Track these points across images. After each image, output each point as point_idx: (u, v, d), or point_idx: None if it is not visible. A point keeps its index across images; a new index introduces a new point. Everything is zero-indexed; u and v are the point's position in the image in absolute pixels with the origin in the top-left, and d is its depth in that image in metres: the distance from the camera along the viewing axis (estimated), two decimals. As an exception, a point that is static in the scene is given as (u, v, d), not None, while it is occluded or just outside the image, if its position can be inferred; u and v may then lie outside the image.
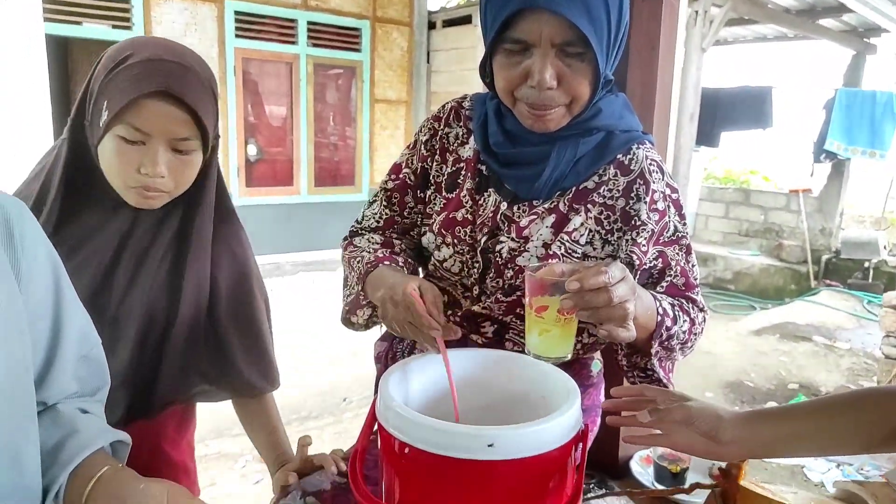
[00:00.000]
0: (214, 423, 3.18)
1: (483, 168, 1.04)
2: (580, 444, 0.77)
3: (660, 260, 1.00)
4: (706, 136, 7.57)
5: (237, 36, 5.43)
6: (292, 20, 5.72)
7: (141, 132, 0.92)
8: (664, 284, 1.01)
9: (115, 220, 1.01)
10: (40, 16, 2.87)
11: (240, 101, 5.53)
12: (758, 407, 0.90)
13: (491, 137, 1.01)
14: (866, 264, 7.33)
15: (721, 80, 8.31)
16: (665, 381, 1.00)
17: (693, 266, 1.03)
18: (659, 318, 0.92)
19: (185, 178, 0.99)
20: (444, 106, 1.12)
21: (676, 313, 0.96)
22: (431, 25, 6.77)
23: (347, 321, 1.13)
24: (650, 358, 0.96)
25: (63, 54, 6.16)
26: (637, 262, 0.96)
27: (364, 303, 1.07)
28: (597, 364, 1.15)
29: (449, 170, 1.07)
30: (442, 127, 1.10)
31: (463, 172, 1.05)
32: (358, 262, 1.06)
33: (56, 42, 3.66)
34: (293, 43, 5.77)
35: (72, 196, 0.99)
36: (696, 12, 5.87)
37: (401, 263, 1.04)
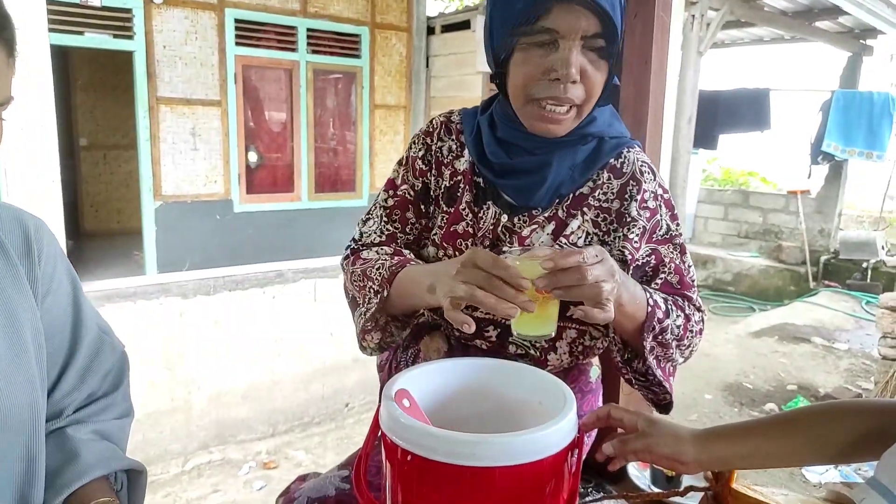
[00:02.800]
0: (218, 430, 3.21)
1: (480, 180, 1.07)
2: (576, 450, 0.80)
3: (653, 257, 1.02)
4: (705, 138, 7.59)
5: (237, 44, 5.46)
6: (292, 27, 5.75)
7: None
8: (658, 282, 1.03)
9: None
10: (45, 26, 2.89)
11: (240, 107, 5.56)
12: (718, 424, 0.94)
13: (486, 148, 1.04)
14: (865, 265, 7.35)
15: (719, 83, 8.34)
16: (663, 381, 1.00)
17: (689, 266, 1.05)
18: (650, 308, 0.93)
19: None
20: (431, 121, 1.13)
21: (669, 307, 0.98)
22: (430, 31, 6.80)
23: (361, 345, 1.10)
24: (646, 356, 0.97)
25: (64, 64, 6.20)
26: (629, 256, 0.98)
27: (380, 319, 1.03)
28: (595, 370, 1.17)
29: (447, 183, 1.09)
30: (434, 141, 1.11)
31: (461, 185, 1.07)
32: (377, 270, 1.01)
33: (57, 52, 3.71)
34: (293, 50, 5.80)
35: None
36: (693, 16, 5.90)
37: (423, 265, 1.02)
